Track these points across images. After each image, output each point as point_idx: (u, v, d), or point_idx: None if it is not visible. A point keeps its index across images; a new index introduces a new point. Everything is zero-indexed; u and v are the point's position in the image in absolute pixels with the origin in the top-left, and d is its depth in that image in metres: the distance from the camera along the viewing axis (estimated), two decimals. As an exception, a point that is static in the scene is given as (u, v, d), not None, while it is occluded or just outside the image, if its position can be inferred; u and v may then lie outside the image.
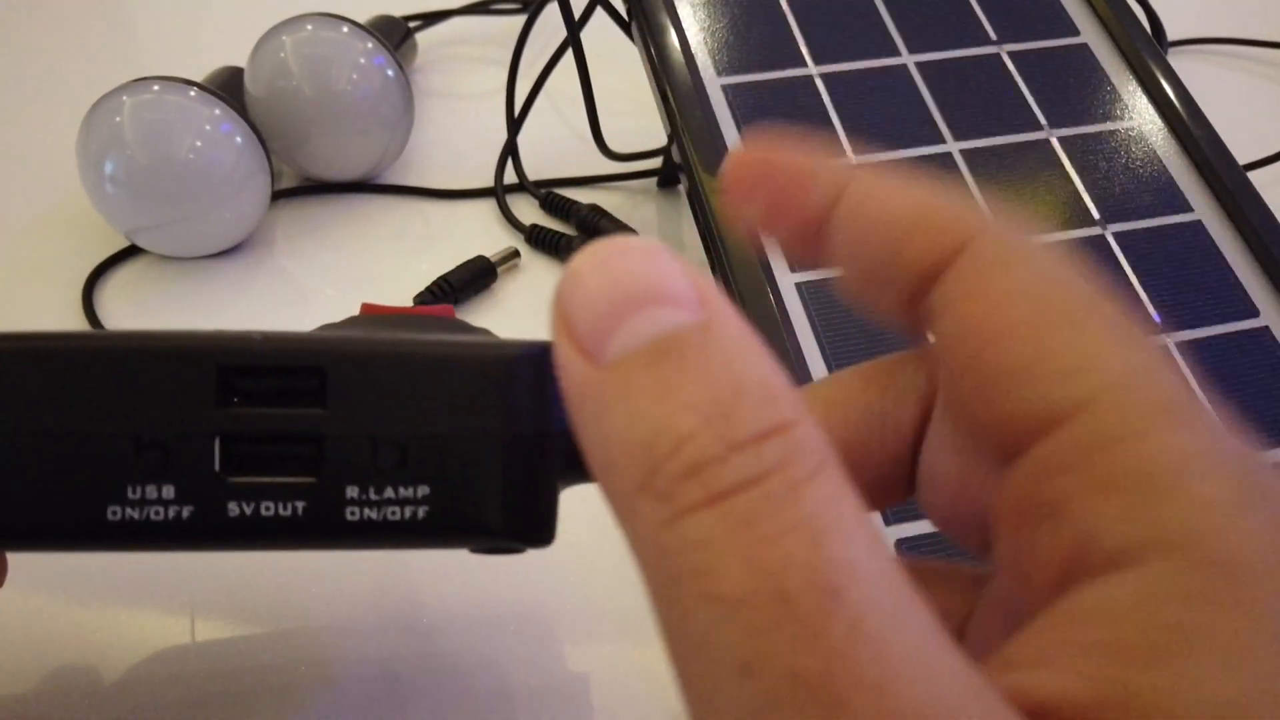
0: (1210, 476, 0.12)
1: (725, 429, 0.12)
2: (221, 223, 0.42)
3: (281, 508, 0.16)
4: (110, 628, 0.29)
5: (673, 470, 0.12)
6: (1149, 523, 0.12)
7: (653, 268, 0.13)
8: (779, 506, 0.11)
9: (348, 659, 0.29)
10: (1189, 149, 0.36)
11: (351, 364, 0.17)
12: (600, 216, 0.43)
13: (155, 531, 0.16)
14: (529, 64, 0.48)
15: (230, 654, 0.29)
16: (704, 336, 0.12)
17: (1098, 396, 0.13)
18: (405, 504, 0.17)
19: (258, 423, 0.17)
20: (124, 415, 0.16)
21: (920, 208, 0.15)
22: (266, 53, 0.44)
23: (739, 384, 0.12)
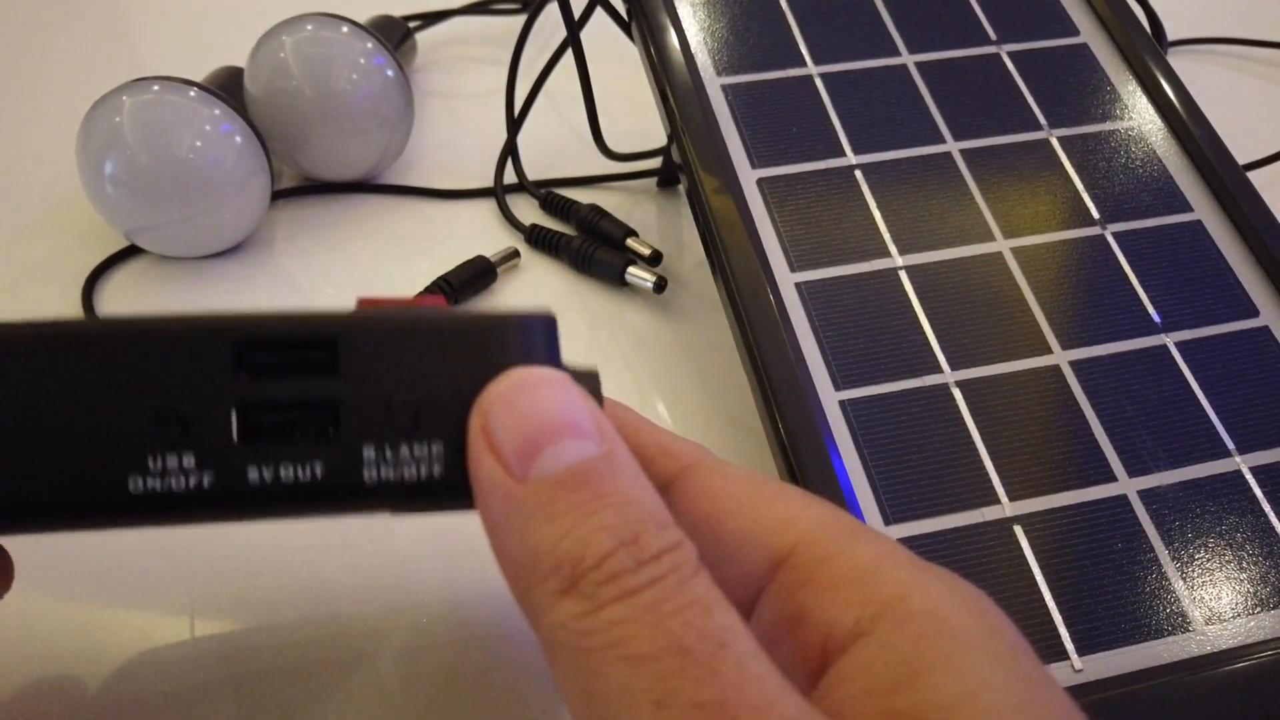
0: (893, 565, 0.17)
1: (635, 549, 0.15)
2: (221, 223, 0.42)
3: (301, 471, 0.17)
4: (110, 627, 0.29)
5: (596, 578, 0.15)
6: (865, 602, 0.17)
7: (567, 402, 0.17)
8: (675, 593, 0.15)
9: (348, 657, 0.29)
10: (1189, 149, 0.36)
11: (363, 334, 0.17)
12: (600, 216, 0.43)
13: (176, 501, 0.16)
14: (529, 64, 0.48)
15: (230, 653, 0.29)
16: (609, 465, 0.16)
17: (805, 536, 0.18)
18: (420, 463, 0.17)
19: (274, 392, 0.17)
20: (143, 390, 0.17)
21: (661, 442, 0.21)
22: (266, 53, 0.44)
23: (640, 511, 0.16)
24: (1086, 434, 0.30)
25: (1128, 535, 0.28)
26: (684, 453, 0.21)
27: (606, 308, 0.41)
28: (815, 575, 0.17)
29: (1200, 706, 0.25)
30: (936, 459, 0.29)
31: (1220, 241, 0.34)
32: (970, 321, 0.32)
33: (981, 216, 0.34)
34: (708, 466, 0.20)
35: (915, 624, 0.16)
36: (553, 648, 0.15)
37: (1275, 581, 0.27)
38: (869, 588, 0.17)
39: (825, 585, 0.17)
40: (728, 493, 0.20)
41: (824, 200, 0.34)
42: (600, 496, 0.16)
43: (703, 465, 0.20)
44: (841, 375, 0.30)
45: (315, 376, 0.17)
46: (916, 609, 0.16)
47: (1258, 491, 0.29)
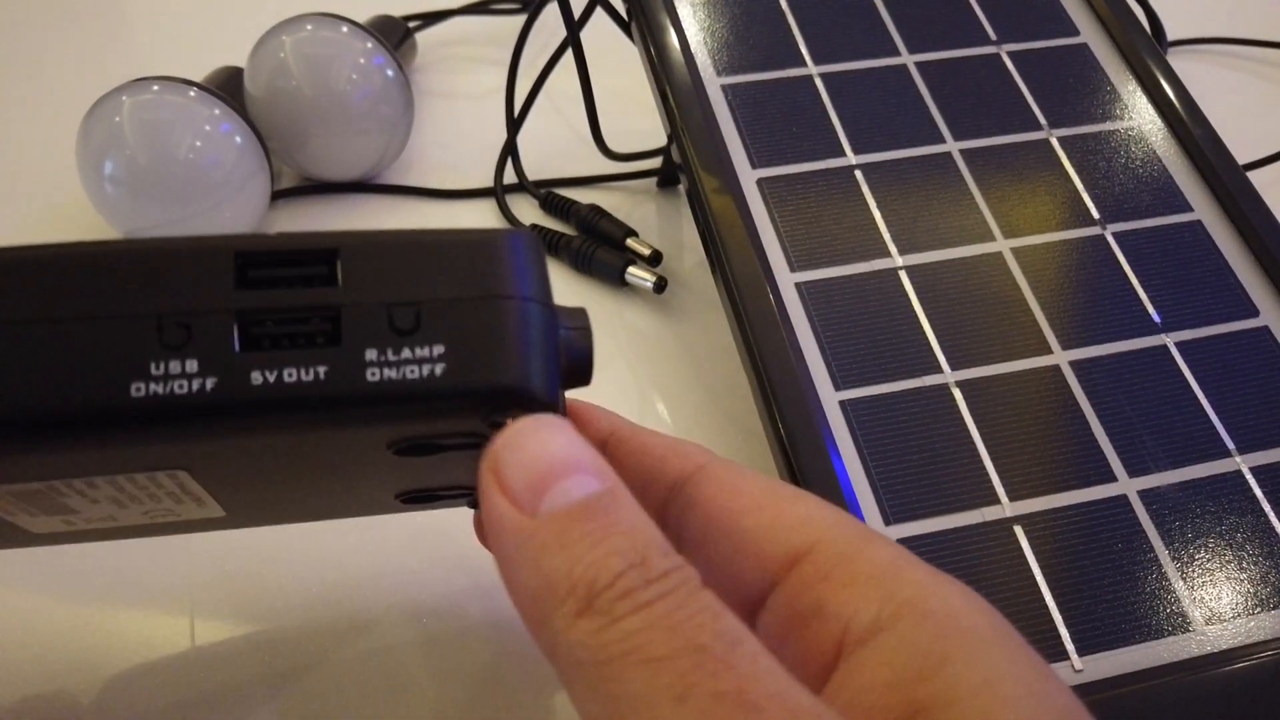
0: (911, 567, 0.18)
1: (644, 569, 0.16)
2: (221, 223, 0.42)
3: (304, 373, 0.17)
4: (110, 627, 0.29)
5: (610, 596, 0.16)
6: (885, 599, 0.18)
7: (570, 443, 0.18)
8: (686, 602, 0.16)
9: (348, 656, 0.29)
10: (1189, 149, 0.36)
11: (363, 245, 0.18)
12: (600, 216, 0.43)
13: (179, 408, 0.16)
14: (529, 64, 0.48)
15: (230, 652, 0.29)
16: (613, 499, 0.17)
17: (825, 535, 0.19)
18: (423, 363, 0.17)
19: (276, 299, 0.17)
20: (146, 300, 0.17)
21: (672, 443, 0.22)
22: (266, 53, 0.44)
23: (645, 538, 0.17)
24: (1086, 434, 0.30)
25: (1128, 535, 0.28)
26: (694, 452, 0.22)
27: (606, 308, 0.41)
28: (834, 572, 0.18)
29: (1200, 706, 0.25)
30: (936, 459, 0.29)
31: (1220, 241, 0.34)
32: (970, 321, 0.32)
33: (981, 216, 0.34)
34: (724, 464, 0.21)
35: (934, 621, 0.17)
36: (571, 667, 0.16)
37: (1275, 581, 0.27)
38: (888, 585, 0.18)
39: (844, 582, 0.18)
40: (745, 490, 0.20)
41: (824, 200, 0.34)
42: (607, 526, 0.17)
43: (718, 463, 0.21)
44: (841, 375, 0.30)
45: (316, 286, 0.17)
46: (935, 608, 0.17)
47: (1258, 491, 0.29)
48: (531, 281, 0.18)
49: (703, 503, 0.21)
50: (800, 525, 0.19)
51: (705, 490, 0.21)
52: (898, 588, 0.18)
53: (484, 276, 0.18)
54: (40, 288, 0.16)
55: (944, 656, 0.16)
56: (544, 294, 0.19)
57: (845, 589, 0.18)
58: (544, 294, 0.19)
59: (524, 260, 0.18)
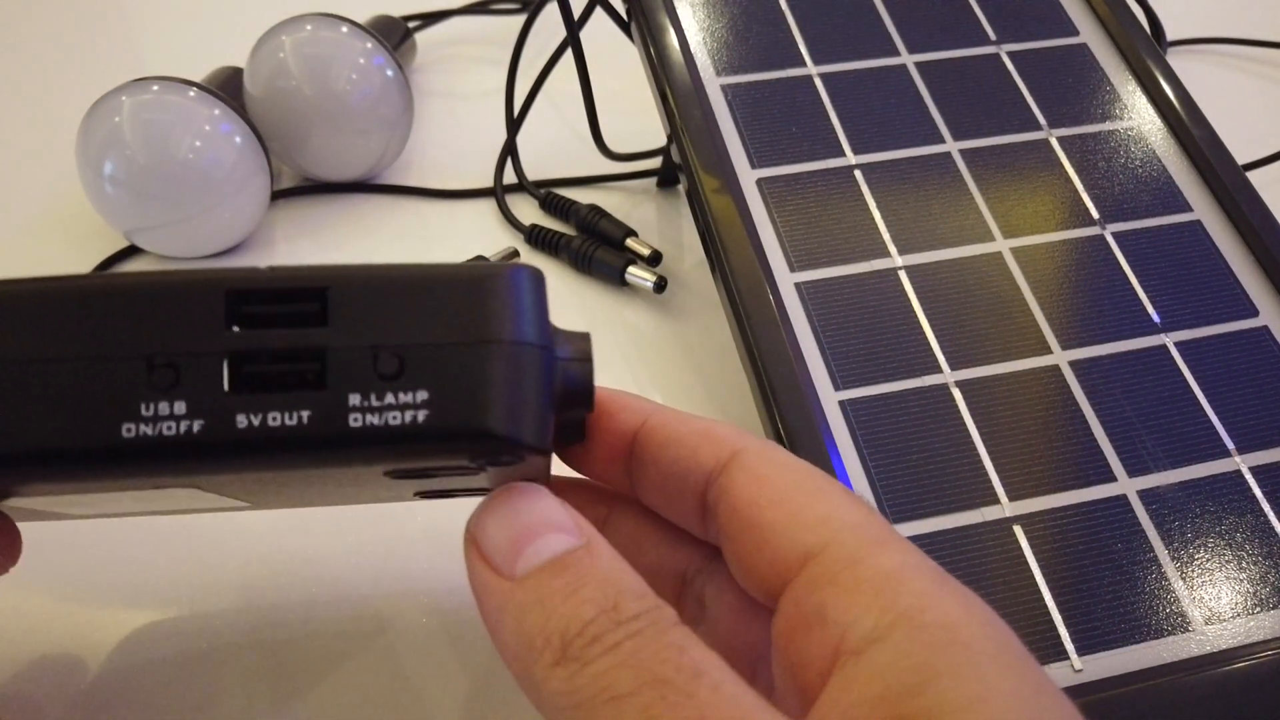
0: (916, 577, 0.18)
1: (614, 614, 0.17)
2: (221, 223, 0.42)
3: (288, 417, 0.17)
4: (109, 625, 0.29)
5: (581, 642, 0.17)
6: (884, 609, 0.17)
7: (543, 505, 0.19)
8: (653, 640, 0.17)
9: (348, 657, 0.29)
10: (1188, 149, 0.36)
11: (352, 283, 0.18)
12: (600, 216, 0.43)
13: (168, 448, 0.17)
14: (528, 64, 0.48)
15: (231, 650, 0.29)
16: (588, 553, 0.18)
17: (835, 537, 0.19)
18: (405, 409, 0.17)
19: (264, 341, 0.17)
20: (137, 339, 0.17)
21: (702, 429, 0.22)
22: (266, 53, 0.44)
23: (619, 586, 0.17)
24: (1086, 434, 0.30)
25: (1127, 535, 0.28)
26: (729, 436, 0.21)
27: (606, 308, 0.41)
28: (839, 576, 0.18)
29: (1200, 706, 0.25)
30: (936, 459, 0.29)
31: (1220, 241, 0.34)
32: (970, 321, 0.32)
33: (981, 216, 0.34)
34: (756, 452, 0.21)
35: (929, 633, 0.17)
36: (554, 715, 0.17)
37: (1275, 581, 0.27)
38: (889, 595, 0.17)
39: (847, 587, 0.18)
40: (772, 482, 0.20)
41: (824, 200, 0.34)
42: (580, 578, 0.17)
43: (751, 450, 0.21)
44: (841, 375, 0.30)
45: (304, 327, 0.17)
46: (932, 619, 0.17)
47: (1257, 491, 0.29)
48: (525, 322, 0.18)
49: (733, 493, 0.20)
50: (817, 524, 0.19)
51: (736, 480, 0.21)
52: (897, 597, 0.17)
53: (474, 319, 0.18)
54: (33, 326, 0.17)
55: (935, 671, 0.16)
56: (539, 333, 0.18)
57: (847, 595, 0.18)
58: (539, 333, 0.18)
59: (518, 299, 0.18)
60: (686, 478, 0.22)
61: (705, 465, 0.21)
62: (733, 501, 0.20)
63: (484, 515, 0.19)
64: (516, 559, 0.18)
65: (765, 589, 0.20)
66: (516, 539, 0.18)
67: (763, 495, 0.20)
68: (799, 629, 0.18)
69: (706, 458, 0.21)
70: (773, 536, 0.19)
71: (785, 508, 0.20)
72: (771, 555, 0.19)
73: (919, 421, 0.30)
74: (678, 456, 0.22)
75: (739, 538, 0.20)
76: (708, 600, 0.23)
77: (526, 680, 0.17)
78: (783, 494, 0.20)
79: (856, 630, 0.17)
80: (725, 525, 0.21)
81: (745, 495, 0.20)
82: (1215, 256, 0.34)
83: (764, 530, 0.20)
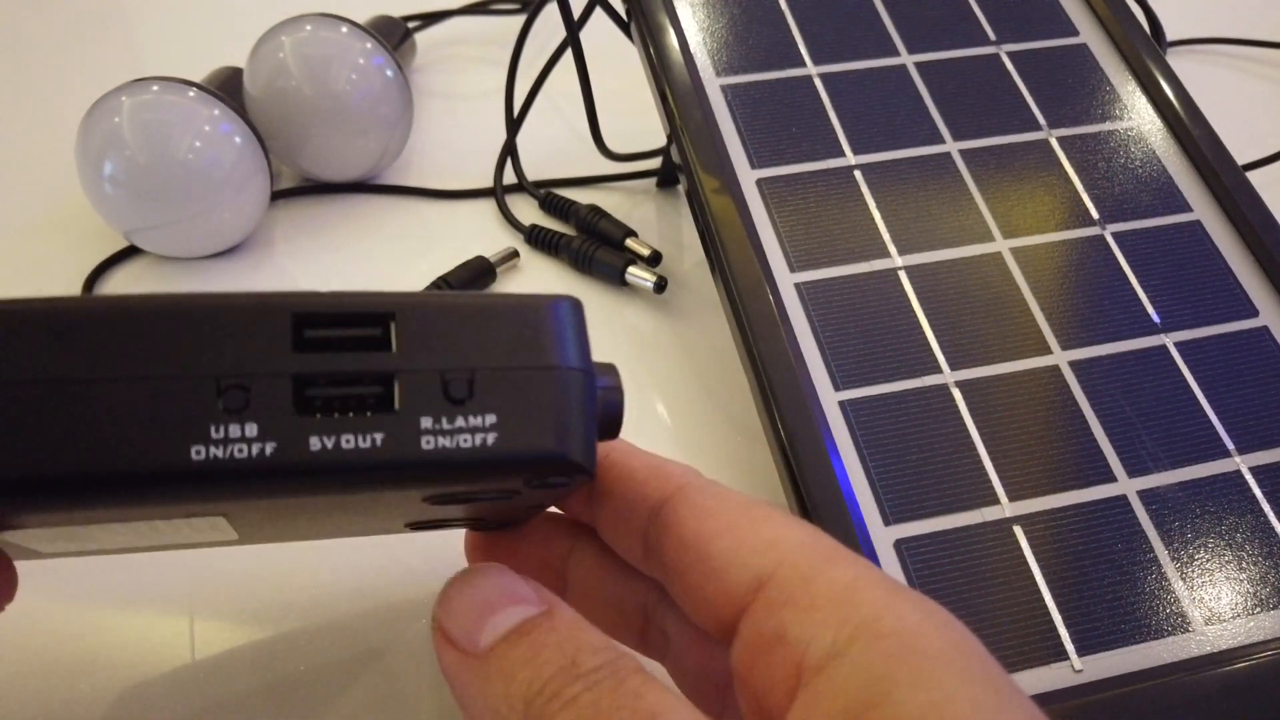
0: (870, 587, 0.18)
1: (574, 671, 0.17)
2: (221, 223, 0.42)
3: (362, 440, 0.17)
4: (108, 635, 0.29)
5: (541, 700, 0.17)
6: (841, 623, 0.17)
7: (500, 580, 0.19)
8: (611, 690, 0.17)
9: (347, 660, 0.29)
10: (1188, 149, 0.36)
11: (416, 310, 0.18)
12: (599, 217, 0.43)
13: (239, 471, 0.17)
14: (528, 64, 0.48)
15: (229, 658, 0.29)
16: (549, 619, 0.19)
17: (787, 558, 0.19)
18: (475, 431, 0.18)
19: (333, 364, 0.17)
20: (205, 361, 0.17)
21: (655, 465, 0.22)
22: (266, 53, 0.44)
23: (578, 645, 0.18)
24: (1086, 434, 0.30)
25: (1127, 535, 0.28)
26: (675, 474, 0.22)
27: (606, 308, 0.41)
28: (795, 596, 0.18)
29: (1200, 706, 0.25)
30: (936, 459, 0.29)
31: (1220, 241, 0.34)
32: (970, 322, 0.32)
33: (981, 217, 0.34)
34: (698, 487, 0.21)
35: (887, 643, 0.17)
36: None
37: (1275, 581, 0.27)
38: (845, 608, 0.18)
39: (804, 606, 0.18)
40: (717, 513, 0.20)
41: (823, 200, 0.34)
42: (539, 643, 0.18)
43: (693, 486, 0.21)
44: (841, 376, 0.30)
45: (371, 350, 0.18)
46: (889, 629, 0.17)
47: (1257, 492, 0.29)
48: (574, 349, 0.19)
49: (676, 527, 0.21)
50: (765, 548, 0.19)
51: (679, 513, 0.21)
52: (855, 609, 0.17)
53: (534, 344, 0.18)
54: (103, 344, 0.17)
55: (894, 681, 0.16)
56: (584, 360, 0.19)
57: (805, 613, 0.18)
58: (584, 360, 0.19)
59: (567, 327, 0.19)
60: (633, 513, 0.22)
61: (650, 500, 0.21)
62: (679, 535, 0.21)
63: (446, 600, 0.19)
64: (479, 634, 0.19)
65: (718, 620, 0.20)
66: (478, 616, 0.19)
67: (707, 526, 0.20)
68: (760, 653, 0.18)
69: (652, 493, 0.22)
70: (723, 566, 0.19)
71: (733, 535, 0.20)
72: (723, 584, 0.19)
73: (919, 422, 0.30)
74: (626, 491, 0.22)
75: (688, 571, 0.20)
76: (670, 632, 0.23)
77: None
78: (728, 523, 0.20)
79: (817, 647, 0.17)
80: (673, 560, 0.21)
81: (690, 527, 0.20)
82: (1215, 256, 0.34)
83: (713, 561, 0.20)
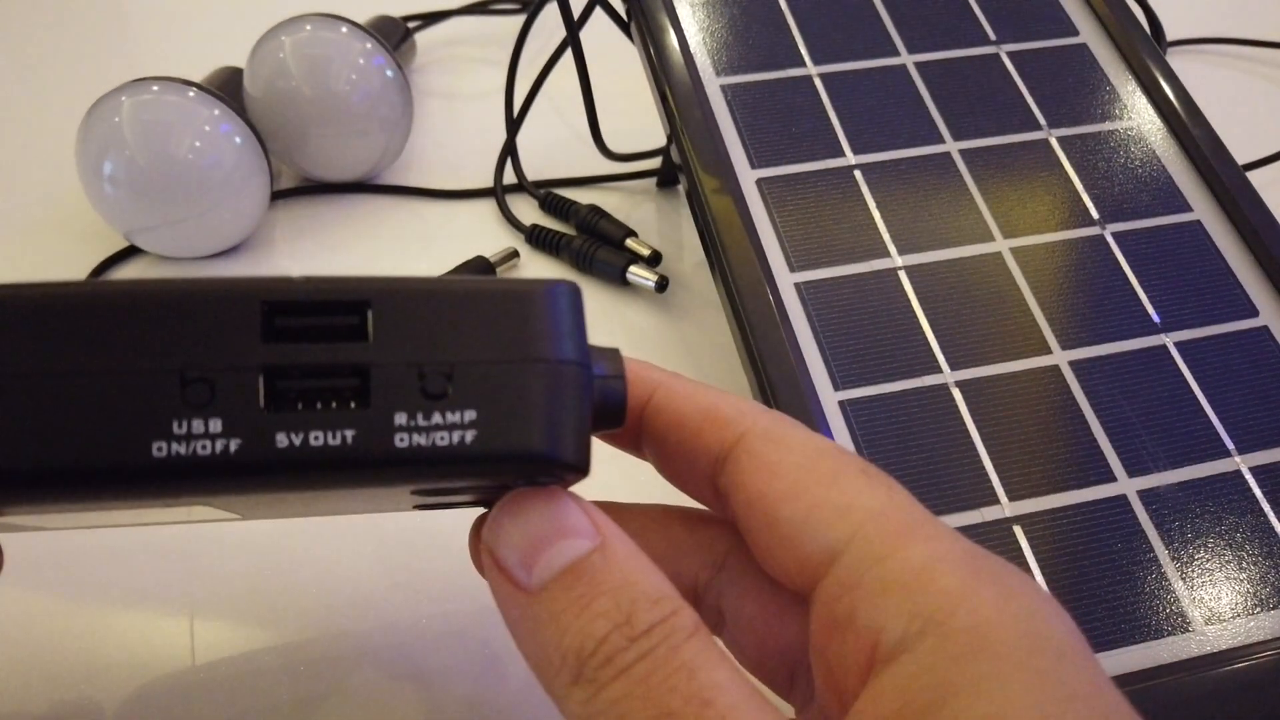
0: (949, 571, 0.17)
1: (628, 629, 0.16)
2: (221, 223, 0.42)
3: (331, 436, 0.16)
4: (109, 636, 0.29)
5: (595, 663, 0.16)
6: (912, 614, 0.16)
7: (554, 510, 0.18)
8: (664, 662, 0.16)
9: (346, 659, 0.29)
10: (1188, 149, 0.36)
11: (394, 297, 0.17)
12: (600, 217, 0.43)
13: (202, 468, 0.16)
14: (528, 64, 0.48)
15: (229, 659, 0.29)
16: (603, 556, 0.17)
17: (858, 532, 0.17)
18: (453, 429, 0.17)
19: (304, 356, 0.16)
20: (169, 352, 0.16)
21: (708, 407, 0.20)
22: (265, 53, 0.44)
23: (633, 593, 0.17)
24: (1086, 434, 0.30)
25: (1127, 535, 0.28)
26: (733, 418, 0.20)
27: (607, 307, 0.41)
28: (865, 578, 0.17)
29: (1200, 706, 0.25)
30: (936, 459, 0.29)
31: (1220, 241, 0.34)
32: (970, 321, 0.32)
33: (981, 216, 0.34)
34: (762, 434, 0.19)
35: (954, 642, 0.16)
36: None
37: (1275, 581, 0.27)
38: (917, 597, 0.16)
39: (875, 590, 0.17)
40: (783, 469, 0.19)
41: (823, 200, 0.34)
42: (594, 587, 0.17)
43: (756, 433, 0.19)
44: (841, 375, 0.30)
45: (345, 340, 0.17)
46: (959, 625, 0.16)
47: (1257, 491, 0.29)
48: (568, 340, 0.18)
49: (743, 485, 0.19)
50: (836, 518, 0.18)
51: (745, 469, 0.19)
52: (926, 599, 0.16)
53: (519, 336, 0.17)
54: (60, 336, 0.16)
55: (954, 688, 0.15)
56: (580, 351, 0.18)
57: (875, 598, 0.17)
58: (580, 351, 0.18)
59: (561, 316, 0.18)
60: (695, 461, 0.20)
61: (711, 450, 0.20)
62: (745, 495, 0.19)
63: (497, 525, 0.18)
64: (532, 569, 0.17)
65: (793, 585, 0.19)
66: (530, 548, 0.17)
67: (775, 487, 0.19)
68: (834, 630, 0.17)
69: (712, 442, 0.20)
70: (792, 534, 0.18)
71: (802, 501, 0.18)
72: (793, 553, 0.18)
73: (919, 422, 0.30)
74: (682, 439, 0.20)
75: (757, 535, 0.19)
76: (726, 611, 0.22)
77: (549, 693, 0.17)
78: (796, 484, 0.18)
79: (887, 637, 0.16)
80: (742, 520, 0.19)
81: (756, 488, 0.19)
82: (1215, 256, 0.34)
83: (781, 528, 0.18)
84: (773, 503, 0.18)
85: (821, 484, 0.18)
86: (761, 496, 0.19)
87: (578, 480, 0.19)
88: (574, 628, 0.16)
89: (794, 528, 0.18)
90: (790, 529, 0.18)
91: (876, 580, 0.17)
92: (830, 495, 0.18)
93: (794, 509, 0.18)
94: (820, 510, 0.18)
